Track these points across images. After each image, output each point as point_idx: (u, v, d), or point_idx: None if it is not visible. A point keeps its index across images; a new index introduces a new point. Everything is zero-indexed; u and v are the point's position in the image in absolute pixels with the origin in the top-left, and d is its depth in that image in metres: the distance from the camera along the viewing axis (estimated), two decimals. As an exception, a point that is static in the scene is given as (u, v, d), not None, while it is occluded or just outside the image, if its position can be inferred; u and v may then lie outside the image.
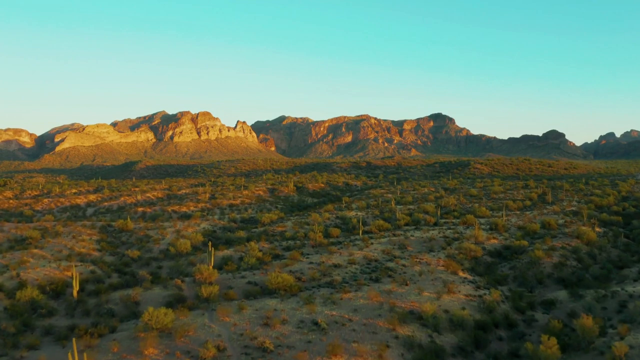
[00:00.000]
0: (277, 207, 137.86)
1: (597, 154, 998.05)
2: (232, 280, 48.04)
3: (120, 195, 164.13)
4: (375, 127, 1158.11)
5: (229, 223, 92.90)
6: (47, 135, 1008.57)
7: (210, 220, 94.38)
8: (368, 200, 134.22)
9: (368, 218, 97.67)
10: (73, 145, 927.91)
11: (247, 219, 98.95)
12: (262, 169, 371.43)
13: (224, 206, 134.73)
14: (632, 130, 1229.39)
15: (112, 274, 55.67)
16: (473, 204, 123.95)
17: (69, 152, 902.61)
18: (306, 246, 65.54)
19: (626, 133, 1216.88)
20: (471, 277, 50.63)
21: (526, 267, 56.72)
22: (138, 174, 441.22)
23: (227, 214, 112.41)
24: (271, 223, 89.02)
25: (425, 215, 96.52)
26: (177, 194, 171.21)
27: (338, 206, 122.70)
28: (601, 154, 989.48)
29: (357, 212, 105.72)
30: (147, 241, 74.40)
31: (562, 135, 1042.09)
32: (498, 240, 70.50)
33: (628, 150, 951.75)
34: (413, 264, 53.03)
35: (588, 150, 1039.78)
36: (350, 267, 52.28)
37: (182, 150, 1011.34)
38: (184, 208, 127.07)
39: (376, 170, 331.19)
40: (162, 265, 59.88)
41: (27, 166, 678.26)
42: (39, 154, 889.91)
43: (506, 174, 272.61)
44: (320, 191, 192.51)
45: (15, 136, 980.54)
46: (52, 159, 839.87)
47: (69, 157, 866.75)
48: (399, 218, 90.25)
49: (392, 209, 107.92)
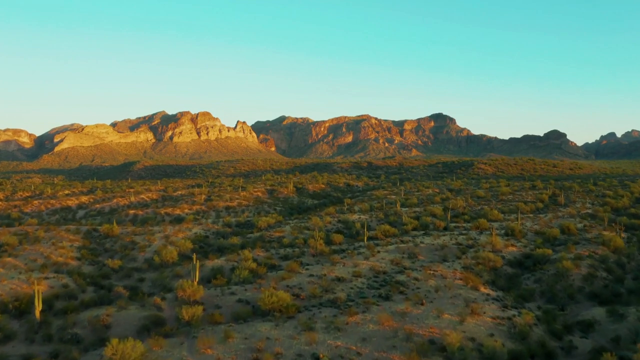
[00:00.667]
0: (275, 210, 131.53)
1: (599, 154, 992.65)
2: (221, 297, 41.71)
3: (113, 196, 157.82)
4: (375, 127, 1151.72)
5: (223, 228, 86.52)
6: (46, 136, 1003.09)
7: (204, 225, 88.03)
8: (371, 202, 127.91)
9: (372, 222, 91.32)
10: (72, 145, 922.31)
11: (243, 222, 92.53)
12: (261, 170, 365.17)
13: (220, 208, 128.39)
14: (633, 130, 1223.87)
15: (87, 288, 49.34)
16: (482, 206, 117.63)
17: (67, 152, 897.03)
18: (306, 255, 59.22)
19: (627, 133, 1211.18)
20: (494, 294, 44.28)
21: (553, 279, 50.39)
22: (136, 174, 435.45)
23: (223, 217, 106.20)
24: (268, 228, 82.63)
25: (433, 218, 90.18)
26: (172, 196, 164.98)
27: (340, 208, 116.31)
28: (602, 154, 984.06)
29: (360, 215, 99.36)
30: (132, 248, 68.11)
31: (564, 135, 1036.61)
32: (517, 247, 64.17)
33: (629, 150, 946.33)
34: (427, 277, 46.70)
35: (589, 150, 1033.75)
36: (356, 281, 45.94)
37: (182, 150, 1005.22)
38: (178, 210, 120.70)
39: (377, 170, 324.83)
40: (145, 277, 53.57)
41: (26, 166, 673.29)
42: (38, 155, 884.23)
43: (511, 175, 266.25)
44: (320, 192, 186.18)
45: (15, 136, 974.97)
46: (50, 159, 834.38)
47: (68, 157, 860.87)
48: (405, 222, 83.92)
49: (398, 211, 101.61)
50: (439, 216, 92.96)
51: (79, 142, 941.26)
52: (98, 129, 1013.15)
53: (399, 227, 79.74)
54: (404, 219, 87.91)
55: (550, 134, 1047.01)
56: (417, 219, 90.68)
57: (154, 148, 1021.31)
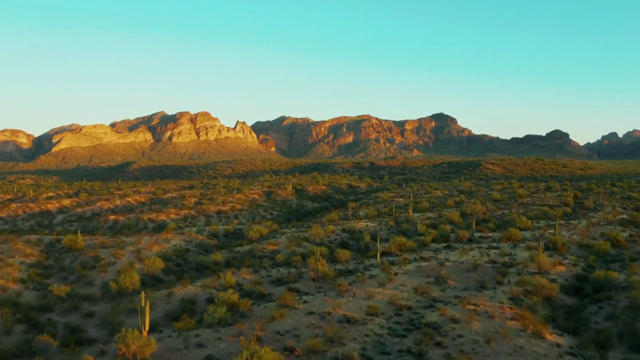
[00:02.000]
0: (272, 214, 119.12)
1: (601, 154, 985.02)
2: (182, 352, 29.33)
3: (97, 199, 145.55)
4: (376, 127, 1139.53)
5: (209, 238, 74.12)
6: (45, 136, 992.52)
7: (186, 234, 75.60)
8: (377, 206, 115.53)
9: (382, 230, 78.88)
10: (70, 146, 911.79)
11: (232, 232, 79.99)
12: (260, 170, 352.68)
13: (210, 213, 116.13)
14: (635, 130, 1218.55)
15: (14, 328, 37.12)
16: (502, 210, 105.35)
17: (65, 153, 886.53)
18: (304, 278, 46.91)
19: (628, 133, 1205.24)
20: (564, 342, 31.96)
21: (629, 315, 38.08)
22: (132, 175, 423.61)
23: (211, 225, 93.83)
24: (261, 239, 70.24)
25: (453, 226, 77.90)
26: (162, 198, 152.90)
27: (343, 214, 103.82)
28: (605, 154, 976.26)
29: (367, 222, 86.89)
30: (92, 267, 55.74)
31: (566, 135, 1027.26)
32: (565, 266, 51.78)
33: (632, 150, 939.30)
34: (468, 316, 34.34)
35: (591, 150, 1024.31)
36: (372, 323, 33.59)
37: (181, 150, 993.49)
38: (163, 216, 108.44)
39: (380, 170, 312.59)
40: (94, 310, 41.20)
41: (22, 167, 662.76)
42: (37, 155, 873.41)
43: (520, 175, 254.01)
44: (321, 194, 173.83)
45: (13, 137, 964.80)
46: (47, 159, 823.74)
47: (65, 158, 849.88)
48: (422, 232, 71.63)
49: (410, 218, 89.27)
50: (459, 224, 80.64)
51: (77, 142, 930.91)
52: (96, 130, 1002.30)
53: (414, 238, 67.40)
54: (419, 228, 75.53)
55: (552, 134, 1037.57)
56: (433, 227, 78.31)
57: (153, 148, 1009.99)
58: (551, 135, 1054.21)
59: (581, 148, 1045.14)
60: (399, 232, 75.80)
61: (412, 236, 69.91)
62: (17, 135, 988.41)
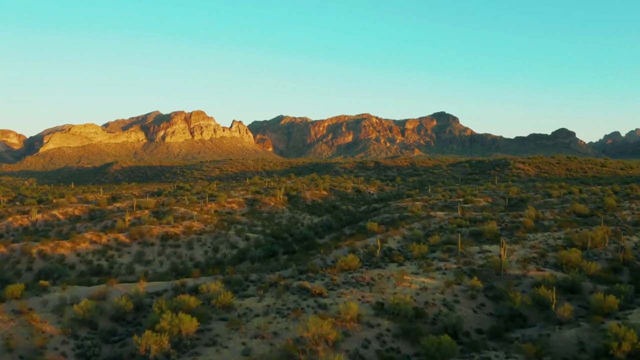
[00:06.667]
0: (246, 240, 77.43)
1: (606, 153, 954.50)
2: None
3: (9, 214, 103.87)
4: (376, 127, 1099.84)
5: (73, 330, 32.63)
6: (37, 137, 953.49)
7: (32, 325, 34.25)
8: (414, 229, 73.70)
9: (459, 304, 37.50)
10: (58, 146, 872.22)
11: (159, 292, 37.90)
12: (252, 171, 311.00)
13: (150, 239, 73.94)
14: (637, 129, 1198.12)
15: None
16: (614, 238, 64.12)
17: (53, 153, 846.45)
18: None
19: (631, 132, 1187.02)
20: None
21: None
22: (111, 176, 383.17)
23: (134, 267, 52.47)
24: (211, 309, 28.50)
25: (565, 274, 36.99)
26: (105, 210, 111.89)
27: (364, 244, 61.97)
28: (609, 153, 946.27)
29: (415, 274, 45.26)
30: None
31: (573, 134, 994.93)
32: None
33: (636, 149, 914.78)
34: None
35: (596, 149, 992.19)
36: None
37: (175, 151, 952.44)
38: (67, 246, 66.28)
39: (387, 171, 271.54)
40: None
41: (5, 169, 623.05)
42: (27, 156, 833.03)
43: (558, 176, 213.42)
44: (322, 202, 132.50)
45: (3, 137, 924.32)
46: (34, 160, 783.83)
47: (53, 158, 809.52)
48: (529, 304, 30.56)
49: (494, 263, 47.63)
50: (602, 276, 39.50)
51: (66, 142, 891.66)
52: (86, 129, 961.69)
53: (507, 300, 26.02)
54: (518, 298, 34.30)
55: (558, 132, 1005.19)
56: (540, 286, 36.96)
57: (145, 149, 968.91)
58: (557, 134, 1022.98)
59: (588, 147, 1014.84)
60: (496, 304, 34.34)
61: (504, 300, 28.48)
62: (7, 135, 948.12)
